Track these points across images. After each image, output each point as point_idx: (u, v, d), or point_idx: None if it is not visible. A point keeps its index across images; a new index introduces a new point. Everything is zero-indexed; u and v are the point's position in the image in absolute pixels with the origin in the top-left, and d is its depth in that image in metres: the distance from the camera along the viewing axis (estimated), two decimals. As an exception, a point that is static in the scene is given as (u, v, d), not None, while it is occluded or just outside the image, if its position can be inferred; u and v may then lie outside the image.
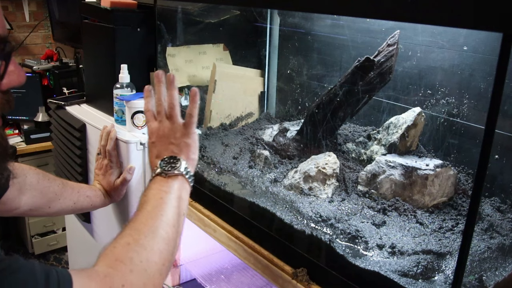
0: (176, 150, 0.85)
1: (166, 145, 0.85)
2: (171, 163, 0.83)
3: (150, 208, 0.78)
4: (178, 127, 0.86)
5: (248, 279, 1.39)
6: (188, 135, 0.86)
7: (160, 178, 0.82)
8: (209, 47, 1.51)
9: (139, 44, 1.42)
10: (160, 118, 0.87)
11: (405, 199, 0.97)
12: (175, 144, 0.85)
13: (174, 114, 0.87)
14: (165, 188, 0.81)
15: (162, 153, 0.85)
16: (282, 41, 1.49)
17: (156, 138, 0.87)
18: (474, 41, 0.99)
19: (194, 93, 0.87)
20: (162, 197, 0.79)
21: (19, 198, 1.05)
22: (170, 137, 0.86)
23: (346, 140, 1.20)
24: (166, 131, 0.86)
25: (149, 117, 0.89)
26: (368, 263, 0.80)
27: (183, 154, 0.85)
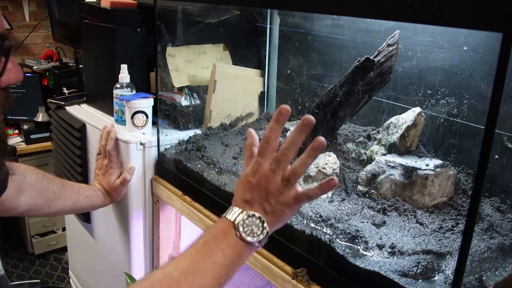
0: (269, 213, 0.71)
1: (262, 200, 0.71)
2: (255, 224, 0.69)
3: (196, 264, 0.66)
4: (287, 194, 0.71)
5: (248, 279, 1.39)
6: (290, 207, 0.72)
7: (232, 232, 0.68)
8: (209, 47, 1.51)
9: (139, 44, 1.42)
10: (276, 168, 0.70)
11: (405, 199, 0.97)
12: (272, 206, 0.71)
13: (293, 181, 0.71)
14: (227, 249, 0.68)
15: (254, 205, 0.71)
16: (282, 41, 1.49)
17: (257, 182, 0.71)
18: (474, 41, 0.99)
19: (333, 184, 0.69)
20: (216, 261, 0.67)
21: (17, 198, 1.05)
22: (272, 196, 0.71)
23: (346, 140, 1.20)
24: (272, 186, 0.70)
25: (264, 152, 0.71)
26: (368, 263, 0.80)
27: (272, 220, 0.71)
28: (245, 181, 0.72)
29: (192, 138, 1.35)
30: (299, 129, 0.69)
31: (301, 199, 0.71)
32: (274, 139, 0.71)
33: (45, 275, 2.99)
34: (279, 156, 0.70)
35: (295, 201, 0.71)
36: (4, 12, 3.22)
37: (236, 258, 0.68)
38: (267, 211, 0.71)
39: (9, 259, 3.07)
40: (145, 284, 0.64)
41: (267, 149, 0.71)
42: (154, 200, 1.36)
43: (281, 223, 0.73)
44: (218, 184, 1.12)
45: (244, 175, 0.73)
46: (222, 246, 0.67)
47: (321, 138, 0.68)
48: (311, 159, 0.70)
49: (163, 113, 1.40)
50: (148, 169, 1.33)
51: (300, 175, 0.71)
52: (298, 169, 0.70)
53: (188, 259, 0.67)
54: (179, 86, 1.45)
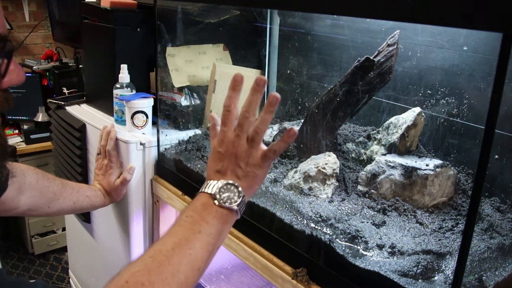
0: (242, 177, 0.74)
1: (233, 166, 0.74)
2: (230, 191, 0.72)
3: (182, 237, 0.68)
4: (255, 154, 0.74)
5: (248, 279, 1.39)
6: (261, 167, 0.75)
7: (211, 203, 0.71)
8: (209, 47, 1.51)
9: (139, 44, 1.42)
10: (240, 132, 0.73)
11: (405, 199, 0.97)
12: (243, 170, 0.74)
13: (257, 140, 0.74)
14: (209, 219, 0.70)
15: (226, 173, 0.74)
16: (282, 41, 1.49)
17: (225, 150, 0.74)
18: (474, 41, 0.99)
19: (293, 133, 0.72)
20: (201, 230, 0.69)
21: (18, 198, 1.05)
22: (241, 160, 0.73)
23: (346, 140, 1.20)
24: (240, 150, 0.73)
25: (226, 120, 0.74)
26: (368, 263, 0.80)
27: (246, 184, 0.74)
28: (214, 153, 0.76)
29: (192, 138, 1.35)
30: (254, 90, 0.73)
31: (268, 156, 0.74)
32: (234, 107, 0.74)
33: (45, 275, 2.99)
34: (241, 120, 0.73)
35: (263, 159, 0.74)
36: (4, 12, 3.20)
37: (220, 226, 0.71)
38: (239, 175, 0.74)
39: (9, 259, 3.07)
40: (138, 264, 0.65)
41: (228, 117, 0.74)
42: (154, 200, 1.36)
43: (255, 186, 0.76)
44: (218, 184, 1.11)
45: (213, 148, 0.76)
46: (204, 217, 0.70)
47: (275, 93, 0.72)
48: (269, 115, 0.73)
49: (163, 113, 1.40)
50: (148, 169, 1.33)
51: (262, 132, 0.74)
52: (259, 126, 0.73)
53: (173, 234, 0.69)
54: (179, 86, 1.45)
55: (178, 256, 0.66)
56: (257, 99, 0.73)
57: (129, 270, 0.64)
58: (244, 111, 0.73)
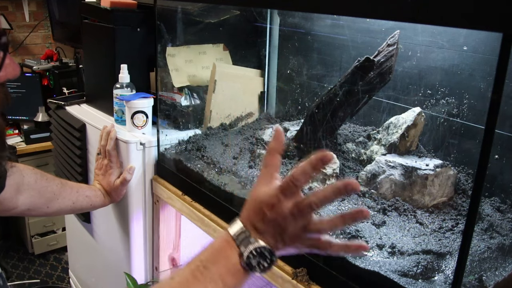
0: (280, 246, 0.65)
1: (277, 235, 0.64)
2: (263, 256, 0.63)
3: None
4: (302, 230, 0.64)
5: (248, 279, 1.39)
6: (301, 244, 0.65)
7: (236, 262, 0.63)
8: (209, 47, 1.51)
9: (139, 44, 1.42)
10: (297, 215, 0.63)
11: (405, 199, 0.97)
12: (285, 244, 0.65)
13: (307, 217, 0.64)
14: (228, 280, 0.63)
15: (265, 236, 0.64)
16: (282, 41, 1.49)
17: (273, 217, 0.64)
18: (474, 41, 0.99)
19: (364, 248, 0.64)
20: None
21: (16, 198, 1.05)
22: (287, 236, 0.64)
23: (346, 140, 1.20)
24: (290, 229, 0.64)
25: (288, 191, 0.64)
26: (368, 263, 0.80)
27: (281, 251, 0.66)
28: (258, 207, 0.65)
29: (192, 138, 1.35)
30: (338, 191, 0.61)
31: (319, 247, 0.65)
32: (303, 183, 0.63)
33: (45, 275, 2.99)
34: (305, 208, 0.63)
35: (310, 247, 0.66)
36: (4, 12, 3.22)
37: (235, 284, 0.64)
38: (278, 246, 0.65)
39: (9, 259, 3.07)
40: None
41: (292, 190, 0.63)
42: (154, 200, 1.36)
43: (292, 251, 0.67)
44: (218, 184, 1.12)
45: (259, 200, 0.65)
46: (222, 273, 0.63)
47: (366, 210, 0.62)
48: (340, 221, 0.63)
49: (163, 113, 1.40)
50: (148, 169, 1.33)
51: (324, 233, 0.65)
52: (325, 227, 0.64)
53: (183, 282, 0.63)
54: (179, 86, 1.45)
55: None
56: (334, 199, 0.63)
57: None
58: (314, 202, 0.62)
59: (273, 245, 0.64)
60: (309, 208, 0.62)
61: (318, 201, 0.62)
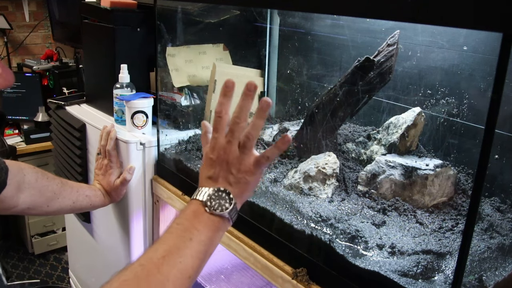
0: (234, 184, 0.73)
1: (225, 173, 0.73)
2: (222, 198, 0.72)
3: (173, 245, 0.68)
4: (247, 160, 0.73)
5: (248, 279, 1.39)
6: (253, 174, 0.74)
7: (202, 210, 0.71)
8: (209, 47, 1.51)
9: (139, 44, 1.42)
10: (231, 138, 0.72)
11: (405, 199, 0.97)
12: (235, 177, 0.73)
13: (248, 146, 0.73)
14: (200, 226, 0.70)
15: (217, 179, 0.73)
16: (282, 41, 1.49)
17: (216, 157, 0.73)
18: (474, 41, 0.99)
19: (287, 140, 0.72)
20: (192, 238, 0.68)
21: (17, 196, 1.05)
22: (232, 166, 0.73)
23: (346, 140, 1.20)
24: (231, 156, 0.72)
25: (218, 126, 0.74)
26: (368, 263, 0.80)
27: (238, 190, 0.73)
28: (206, 160, 0.75)
29: (192, 138, 1.35)
30: (245, 95, 0.73)
31: (261, 162, 0.73)
32: (225, 113, 0.73)
33: (45, 275, 2.99)
34: (232, 126, 0.72)
35: (256, 166, 0.73)
36: (4, 12, 3.22)
37: (211, 234, 0.70)
38: (231, 182, 0.73)
39: (9, 259, 3.07)
40: (128, 273, 0.65)
41: (220, 123, 0.73)
42: (154, 200, 1.36)
43: (247, 193, 0.75)
44: (218, 184, 1.11)
45: (204, 155, 0.76)
46: (195, 224, 0.70)
47: (267, 98, 0.72)
48: (261, 120, 0.73)
49: (163, 113, 1.40)
50: (148, 169, 1.33)
51: (254, 137, 0.73)
52: (251, 132, 0.72)
53: (165, 242, 0.68)
54: (179, 86, 1.45)
55: (168, 265, 0.65)
56: (248, 104, 0.73)
57: (119, 279, 0.64)
58: (235, 116, 0.72)
59: (226, 184, 0.73)
60: (234, 124, 0.72)
61: (237, 113, 0.72)
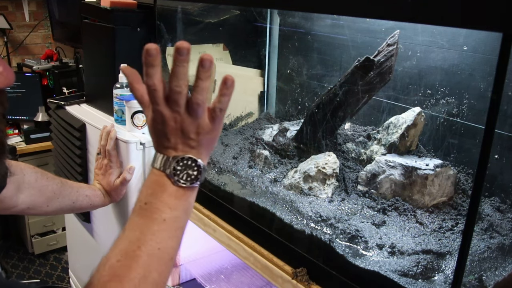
0: (197, 147, 0.67)
1: (183, 139, 0.66)
2: (188, 166, 0.65)
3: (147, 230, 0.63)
4: (202, 122, 0.67)
5: (248, 279, 1.39)
6: (214, 130, 0.68)
7: (169, 184, 0.65)
8: (209, 47, 1.50)
9: (139, 44, 1.42)
10: (177, 108, 0.66)
11: (405, 199, 0.97)
12: (196, 140, 0.66)
13: (200, 112, 0.66)
14: (171, 202, 0.64)
15: (177, 147, 0.66)
16: (282, 41, 1.49)
17: (168, 129, 0.66)
18: (474, 41, 0.99)
19: (231, 82, 0.69)
20: (166, 218, 0.63)
21: (16, 196, 1.05)
22: (190, 132, 0.66)
23: (346, 140, 1.20)
24: (184, 125, 0.66)
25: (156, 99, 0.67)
26: (368, 263, 0.80)
27: (202, 151, 0.68)
28: (156, 130, 0.68)
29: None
30: (177, 60, 0.66)
31: (217, 116, 0.68)
32: (158, 83, 0.66)
33: (45, 275, 2.99)
34: (174, 96, 0.66)
35: (213, 121, 0.67)
36: (4, 12, 3.22)
37: (183, 204, 0.65)
38: (193, 146, 0.67)
39: (9, 259, 3.07)
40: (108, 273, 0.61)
41: (156, 95, 0.66)
42: (154, 200, 1.36)
43: (212, 145, 0.70)
44: (218, 184, 1.12)
45: (152, 124, 0.69)
46: (165, 200, 0.64)
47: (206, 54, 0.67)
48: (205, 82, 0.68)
49: (163, 113, 1.40)
50: (148, 169, 1.33)
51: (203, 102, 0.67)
52: (198, 97, 0.67)
53: (137, 228, 0.63)
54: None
55: (147, 255, 0.61)
56: (184, 69, 0.66)
57: (99, 279, 0.62)
58: (174, 85, 0.66)
59: (188, 149, 0.66)
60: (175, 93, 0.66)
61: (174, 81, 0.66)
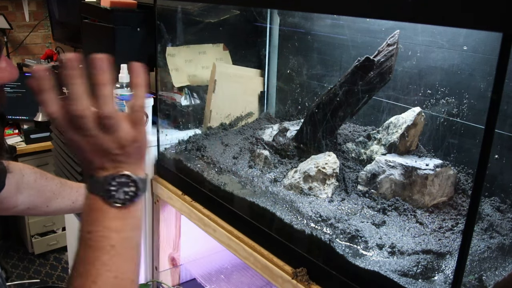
0: (126, 160, 0.60)
1: (108, 157, 0.59)
2: (123, 184, 0.59)
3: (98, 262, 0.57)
4: (123, 132, 0.59)
5: (248, 279, 1.39)
6: (140, 135, 0.61)
7: (106, 207, 0.58)
8: (209, 47, 1.51)
9: (139, 44, 1.42)
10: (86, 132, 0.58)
11: (405, 199, 0.97)
12: (123, 154, 0.59)
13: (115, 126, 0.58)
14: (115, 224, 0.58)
15: (105, 165, 0.59)
16: (282, 41, 1.49)
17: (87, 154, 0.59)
18: (474, 41, 0.99)
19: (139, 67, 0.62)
20: (115, 244, 0.58)
21: (16, 197, 1.05)
22: (112, 149, 0.59)
23: (346, 140, 1.19)
24: (104, 144, 0.58)
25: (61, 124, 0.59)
26: (368, 263, 0.80)
27: (136, 163, 0.61)
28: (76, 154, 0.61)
29: (192, 138, 1.35)
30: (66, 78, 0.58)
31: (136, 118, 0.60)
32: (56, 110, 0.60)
33: (45, 275, 2.99)
34: (76, 121, 0.58)
35: (134, 126, 0.60)
36: (4, 12, 3.22)
37: (130, 223, 0.60)
38: (121, 160, 0.59)
39: (9, 259, 3.07)
40: None
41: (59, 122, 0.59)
42: (154, 200, 1.36)
43: (144, 154, 0.63)
44: (218, 183, 1.12)
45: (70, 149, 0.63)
46: (107, 225, 0.58)
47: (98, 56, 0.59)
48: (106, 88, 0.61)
49: (163, 113, 1.40)
50: (148, 169, 1.33)
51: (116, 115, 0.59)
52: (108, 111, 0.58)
53: (87, 262, 0.58)
54: (179, 86, 1.45)
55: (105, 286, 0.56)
56: (77, 87, 0.58)
57: None
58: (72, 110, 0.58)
59: (117, 165, 0.59)
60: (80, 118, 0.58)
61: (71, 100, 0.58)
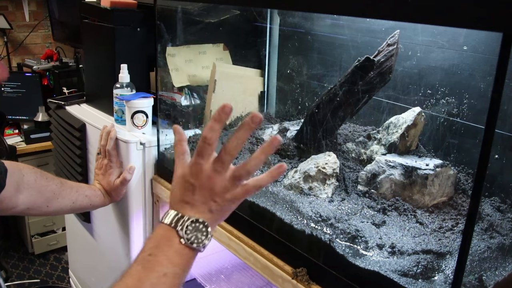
0: (215, 211, 0.67)
1: (207, 199, 0.67)
2: (199, 230, 0.66)
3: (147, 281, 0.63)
4: (236, 191, 0.67)
5: (248, 279, 1.39)
6: (238, 201, 0.69)
7: (177, 241, 0.65)
8: (209, 47, 1.51)
9: (139, 44, 1.42)
10: (221, 169, 0.66)
11: (405, 199, 0.97)
12: (219, 204, 0.67)
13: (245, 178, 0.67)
14: (175, 258, 0.64)
15: (196, 205, 0.67)
16: (282, 41, 1.49)
17: (200, 184, 0.67)
18: (474, 41, 0.99)
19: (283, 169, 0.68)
20: (167, 273, 0.63)
21: (16, 197, 1.05)
22: (217, 195, 0.67)
23: (346, 140, 1.20)
24: (217, 186, 0.67)
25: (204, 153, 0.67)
26: (368, 263, 0.80)
27: (218, 217, 0.68)
28: (184, 182, 0.68)
29: (192, 138, 1.35)
30: (246, 126, 0.65)
31: (250, 191, 0.68)
32: (215, 140, 0.66)
33: (45, 275, 2.99)
34: (224, 157, 0.66)
35: (244, 194, 0.68)
36: (4, 12, 3.22)
37: (185, 264, 0.66)
38: (212, 209, 0.67)
39: (9, 259, 3.07)
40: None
41: (207, 150, 0.67)
42: (154, 200, 1.36)
43: (222, 219, 0.71)
44: (218, 184, 1.11)
45: (182, 176, 0.69)
46: (168, 255, 0.65)
47: (278, 136, 0.66)
48: (265, 155, 0.66)
49: (163, 113, 1.40)
50: (148, 169, 1.33)
51: (253, 172, 0.67)
52: (253, 167, 0.66)
53: (136, 276, 0.64)
54: (179, 85, 1.45)
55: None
56: (246, 136, 0.66)
57: None
58: (230, 147, 0.65)
59: (206, 211, 0.67)
60: (227, 155, 0.66)
61: (233, 143, 0.65)
